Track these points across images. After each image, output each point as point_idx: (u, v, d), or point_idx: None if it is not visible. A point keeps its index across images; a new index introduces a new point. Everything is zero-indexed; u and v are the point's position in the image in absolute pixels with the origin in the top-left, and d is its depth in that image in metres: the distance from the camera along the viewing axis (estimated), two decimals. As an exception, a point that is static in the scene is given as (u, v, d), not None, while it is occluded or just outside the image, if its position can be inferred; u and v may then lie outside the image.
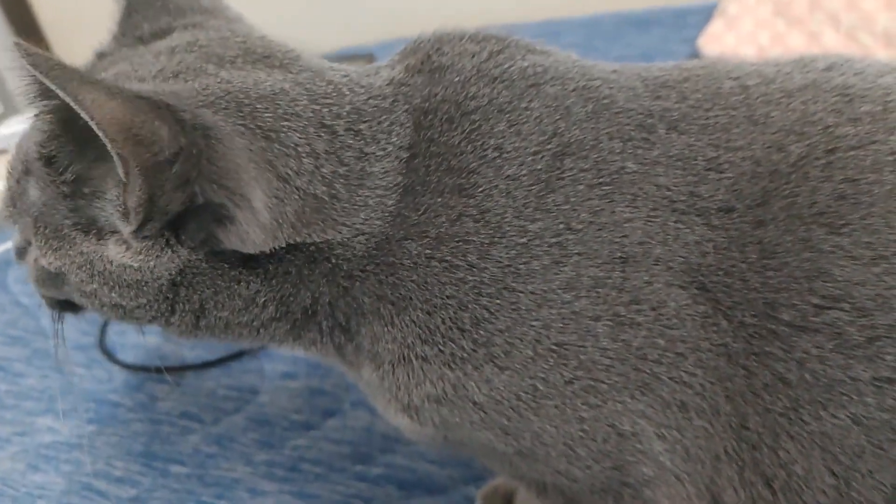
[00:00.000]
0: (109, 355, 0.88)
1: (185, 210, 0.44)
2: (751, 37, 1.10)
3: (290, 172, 0.45)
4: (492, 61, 0.50)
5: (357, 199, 0.47)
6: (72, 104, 0.40)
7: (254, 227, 0.44)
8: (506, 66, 0.50)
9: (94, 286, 0.49)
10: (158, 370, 0.85)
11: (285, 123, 0.46)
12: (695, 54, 1.13)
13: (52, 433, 0.81)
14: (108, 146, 0.41)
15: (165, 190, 0.42)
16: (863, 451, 0.41)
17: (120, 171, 0.42)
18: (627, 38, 1.27)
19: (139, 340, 0.90)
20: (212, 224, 0.45)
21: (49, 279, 0.51)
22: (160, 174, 0.42)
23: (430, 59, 0.51)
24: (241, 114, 0.45)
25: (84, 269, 0.48)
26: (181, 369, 0.85)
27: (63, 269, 0.49)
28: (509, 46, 0.52)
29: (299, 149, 0.46)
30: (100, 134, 0.40)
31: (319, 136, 0.47)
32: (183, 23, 0.55)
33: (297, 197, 0.45)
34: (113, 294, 0.48)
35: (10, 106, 1.50)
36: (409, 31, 0.56)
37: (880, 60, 0.49)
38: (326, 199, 0.47)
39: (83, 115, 0.40)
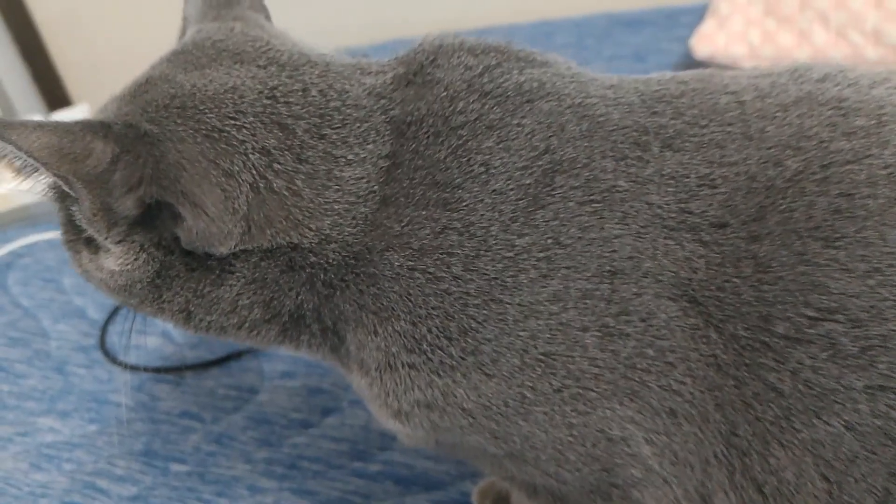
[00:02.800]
0: (110, 356, 0.89)
1: (147, 213, 0.48)
2: (741, 36, 1.11)
3: (235, 168, 0.47)
4: (486, 76, 0.50)
5: (322, 201, 0.48)
6: (4, 147, 0.45)
7: (200, 221, 0.47)
8: (500, 80, 0.49)
9: (103, 290, 0.55)
10: (158, 370, 0.87)
11: (230, 122, 0.48)
12: (687, 54, 1.14)
13: (53, 433, 0.82)
14: (44, 170, 0.45)
15: (115, 196, 0.47)
16: (856, 457, 0.42)
17: (67, 188, 0.47)
18: (619, 38, 1.28)
19: (139, 341, 0.91)
20: (170, 223, 0.48)
21: None
22: (104, 183, 0.46)
23: (422, 69, 0.51)
24: (182, 118, 0.48)
25: (88, 275, 0.54)
26: (181, 369, 0.86)
27: (83, 276, 0.55)
28: (508, 59, 0.51)
29: (245, 145, 0.48)
30: (33, 162, 0.45)
31: (270, 132, 0.48)
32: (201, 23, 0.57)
33: (247, 189, 0.47)
34: (114, 295, 0.54)
35: (9, 109, 1.50)
36: (404, 33, 0.57)
37: (871, 69, 0.49)
38: (287, 194, 0.48)
39: (14, 152, 0.45)
